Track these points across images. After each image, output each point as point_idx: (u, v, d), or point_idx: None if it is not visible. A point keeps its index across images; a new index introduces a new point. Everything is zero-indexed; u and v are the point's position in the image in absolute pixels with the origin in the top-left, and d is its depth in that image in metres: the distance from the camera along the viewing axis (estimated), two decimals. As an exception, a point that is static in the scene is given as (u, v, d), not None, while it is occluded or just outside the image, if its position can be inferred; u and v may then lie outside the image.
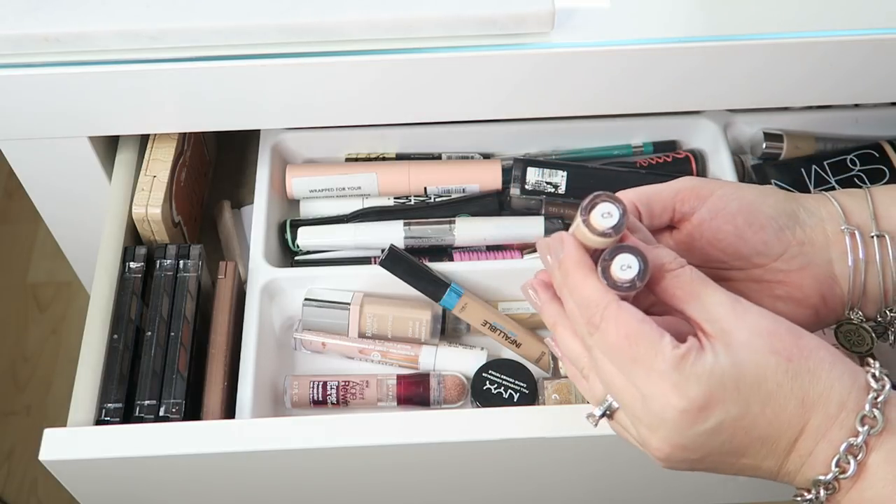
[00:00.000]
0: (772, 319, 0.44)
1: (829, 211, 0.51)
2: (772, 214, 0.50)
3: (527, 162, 0.73)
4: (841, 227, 0.50)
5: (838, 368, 0.43)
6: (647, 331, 0.43)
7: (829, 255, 0.50)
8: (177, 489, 0.61)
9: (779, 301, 0.51)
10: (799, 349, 0.43)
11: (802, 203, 0.51)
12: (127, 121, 0.65)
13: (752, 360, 0.43)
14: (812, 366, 0.43)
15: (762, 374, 0.42)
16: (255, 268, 0.68)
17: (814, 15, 0.61)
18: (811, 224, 0.50)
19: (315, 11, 0.59)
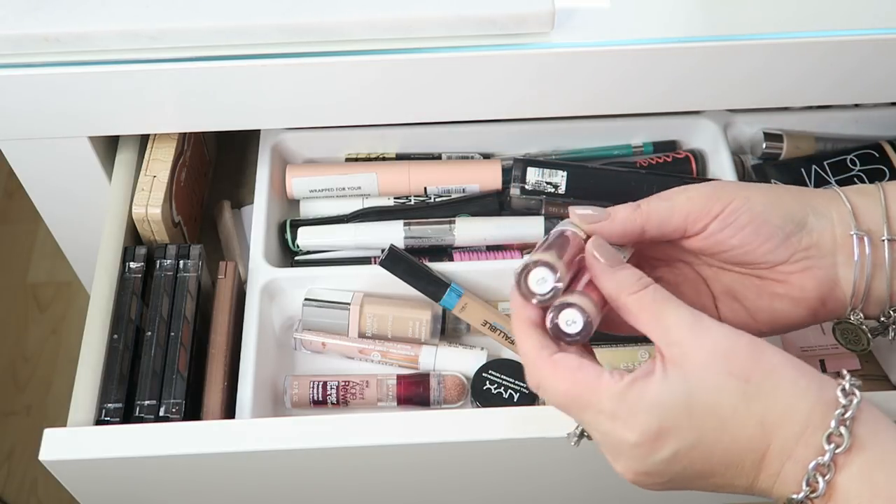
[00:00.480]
0: (732, 338, 0.43)
1: (840, 213, 0.49)
2: (779, 224, 0.49)
3: (527, 162, 0.73)
4: (850, 232, 0.49)
5: (802, 385, 0.42)
6: (583, 378, 0.44)
7: (835, 258, 0.49)
8: (177, 489, 0.61)
9: (776, 299, 0.50)
10: (758, 368, 0.42)
11: (813, 205, 0.50)
12: (127, 121, 0.65)
13: (705, 386, 0.42)
14: (772, 385, 0.42)
15: (716, 399, 0.42)
16: (255, 268, 0.68)
17: (814, 15, 0.61)
18: (819, 228, 0.49)
19: (315, 11, 0.59)
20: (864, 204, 0.50)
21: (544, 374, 0.45)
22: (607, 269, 0.46)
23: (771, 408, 0.42)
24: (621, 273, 0.46)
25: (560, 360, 0.45)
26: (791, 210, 0.49)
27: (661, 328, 0.44)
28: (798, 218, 0.49)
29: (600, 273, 0.46)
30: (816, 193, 0.50)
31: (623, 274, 0.46)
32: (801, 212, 0.49)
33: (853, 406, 0.41)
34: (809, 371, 0.43)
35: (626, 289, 0.45)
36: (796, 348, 0.67)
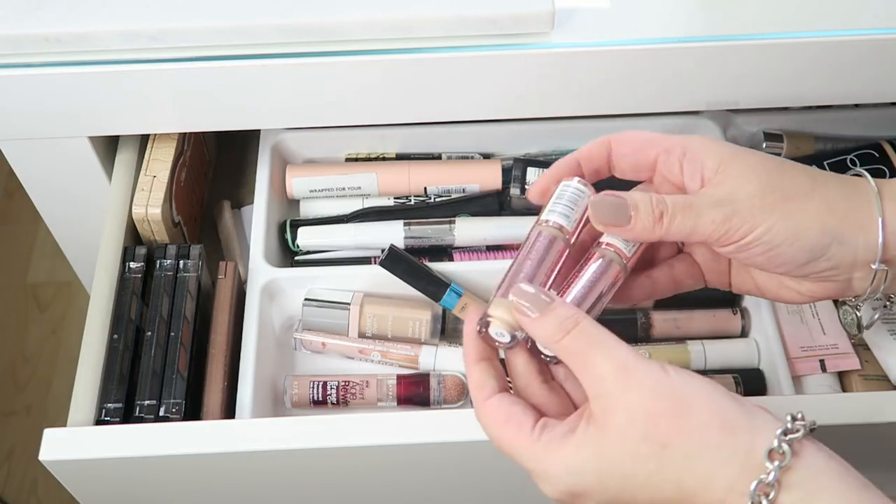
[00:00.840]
0: (655, 396, 0.42)
1: (868, 242, 0.47)
2: (795, 256, 0.47)
3: (527, 162, 0.73)
4: (873, 266, 0.48)
5: (726, 449, 0.40)
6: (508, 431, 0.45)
7: (852, 274, 0.49)
8: (177, 489, 0.61)
9: (784, 289, 0.50)
10: (679, 432, 0.41)
11: (840, 233, 0.47)
12: (127, 121, 0.65)
13: (619, 453, 0.42)
14: (692, 450, 0.41)
15: (630, 466, 0.41)
16: (255, 268, 0.68)
17: (814, 15, 0.61)
18: (840, 255, 0.47)
19: (315, 11, 0.59)
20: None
21: (479, 417, 0.46)
22: (531, 323, 0.45)
23: (688, 475, 0.41)
24: (546, 320, 0.45)
25: (492, 405, 0.46)
26: (812, 243, 0.47)
27: (589, 377, 0.43)
28: (818, 250, 0.47)
29: (526, 325, 0.46)
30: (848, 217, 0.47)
31: (548, 321, 0.45)
32: (823, 243, 0.47)
33: (775, 471, 0.39)
34: (739, 427, 0.41)
35: (552, 338, 0.44)
36: (796, 348, 0.67)
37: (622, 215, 0.47)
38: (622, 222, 0.47)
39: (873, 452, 0.61)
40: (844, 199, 0.48)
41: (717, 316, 0.68)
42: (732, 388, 0.65)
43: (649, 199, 0.47)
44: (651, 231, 0.47)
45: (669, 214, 0.47)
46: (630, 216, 0.47)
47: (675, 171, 0.49)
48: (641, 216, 0.47)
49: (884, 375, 0.66)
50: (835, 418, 0.55)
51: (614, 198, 0.48)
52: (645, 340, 0.68)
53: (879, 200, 0.48)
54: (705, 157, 0.48)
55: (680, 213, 0.47)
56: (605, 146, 0.51)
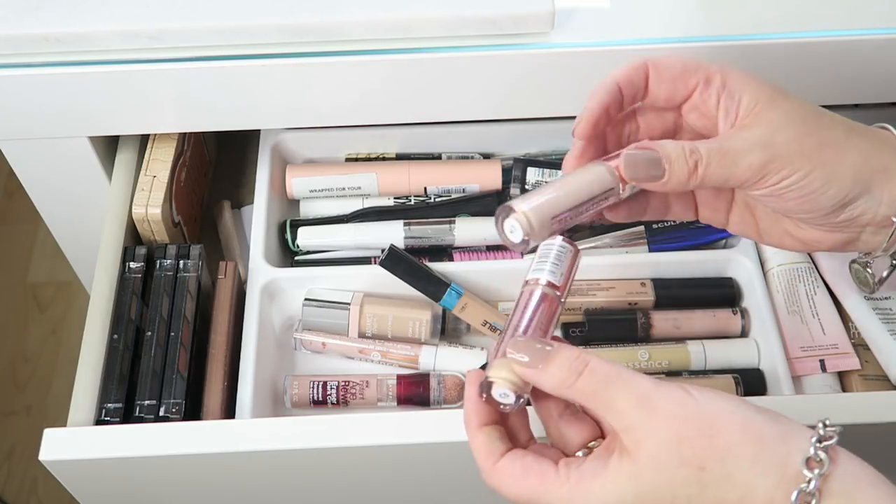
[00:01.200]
0: (682, 420, 0.41)
1: (892, 198, 0.47)
2: (826, 204, 0.47)
3: (527, 162, 0.73)
4: (893, 218, 0.47)
5: (762, 463, 0.40)
6: (529, 484, 0.43)
7: (865, 228, 0.48)
8: (177, 489, 0.61)
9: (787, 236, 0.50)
10: (713, 452, 0.40)
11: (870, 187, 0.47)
12: (127, 121, 0.65)
13: (657, 479, 0.41)
14: (729, 469, 0.40)
15: (669, 492, 0.41)
16: (255, 268, 0.68)
17: (814, 15, 0.61)
18: (864, 207, 0.47)
19: (315, 11, 0.59)
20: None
21: (494, 482, 0.44)
22: (536, 374, 0.44)
23: (728, 493, 0.40)
24: (551, 370, 0.43)
25: (504, 466, 0.44)
26: (846, 191, 0.46)
27: (612, 414, 0.42)
28: (849, 199, 0.47)
29: (533, 379, 0.44)
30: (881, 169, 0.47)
31: (552, 370, 0.43)
32: (855, 192, 0.47)
33: (815, 479, 0.39)
34: (771, 439, 0.41)
35: (563, 383, 0.43)
36: (796, 348, 0.67)
37: (656, 169, 0.46)
38: (657, 176, 0.46)
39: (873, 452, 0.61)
40: (877, 151, 0.47)
41: (717, 316, 0.68)
42: (732, 389, 0.65)
43: (682, 150, 0.46)
44: (686, 182, 0.46)
45: (704, 164, 0.45)
46: (665, 169, 0.46)
47: (711, 103, 0.48)
48: (675, 168, 0.46)
49: (884, 375, 0.66)
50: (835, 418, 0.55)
51: (647, 151, 0.46)
52: (645, 340, 0.68)
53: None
54: (743, 93, 0.47)
55: (716, 160, 0.46)
56: (642, 70, 0.49)
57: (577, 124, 0.49)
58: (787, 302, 0.69)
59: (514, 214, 0.45)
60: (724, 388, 0.64)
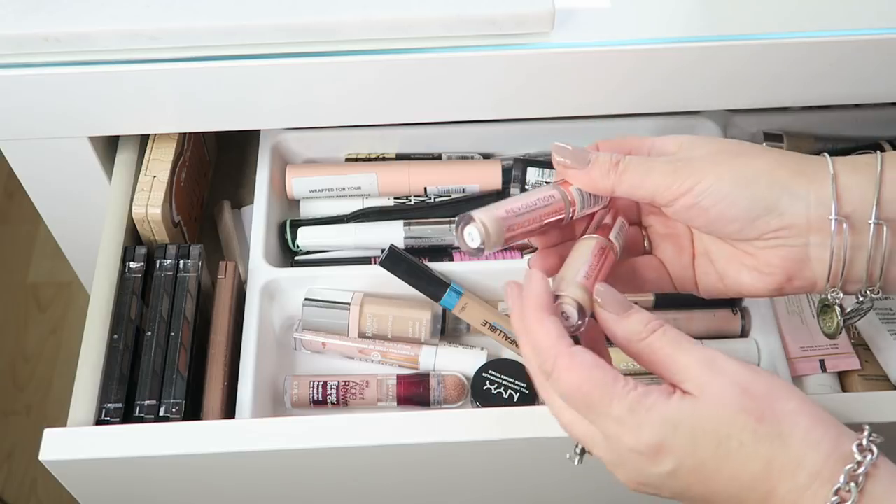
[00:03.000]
0: (750, 376, 0.43)
1: (820, 195, 0.47)
2: (746, 207, 0.48)
3: (527, 162, 0.73)
4: (829, 217, 0.47)
5: (816, 436, 0.42)
6: (600, 377, 0.44)
7: (808, 239, 0.48)
8: (177, 489, 0.61)
9: (744, 269, 0.50)
10: (773, 411, 0.42)
11: (790, 187, 0.48)
12: (127, 121, 0.65)
13: (716, 415, 0.42)
14: (785, 430, 0.42)
15: (725, 430, 0.42)
16: (255, 268, 0.68)
17: (814, 15, 0.61)
18: (792, 211, 0.48)
19: (315, 11, 0.59)
20: (855, 182, 0.48)
21: (560, 364, 0.44)
22: (614, 320, 0.46)
23: (779, 453, 0.41)
24: (628, 321, 0.46)
25: (578, 353, 0.44)
26: (761, 194, 0.47)
27: (675, 369, 0.44)
28: (767, 202, 0.48)
29: (609, 324, 0.47)
30: (798, 171, 0.48)
31: (630, 322, 0.46)
32: (772, 195, 0.48)
33: (867, 462, 0.40)
34: (826, 421, 0.42)
35: (636, 336, 0.46)
36: (796, 348, 0.67)
37: (582, 158, 0.50)
38: (581, 164, 0.50)
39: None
40: (796, 159, 0.49)
41: (717, 316, 0.68)
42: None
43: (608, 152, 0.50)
44: (605, 176, 0.49)
45: (624, 163, 0.49)
46: (588, 161, 0.49)
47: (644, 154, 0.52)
48: (599, 161, 0.49)
49: (884, 375, 0.66)
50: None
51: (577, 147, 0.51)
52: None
53: (832, 162, 0.48)
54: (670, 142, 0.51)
55: (634, 164, 0.49)
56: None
57: None
58: (787, 302, 0.69)
59: (473, 223, 0.48)
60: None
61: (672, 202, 0.48)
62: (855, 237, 0.48)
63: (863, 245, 0.48)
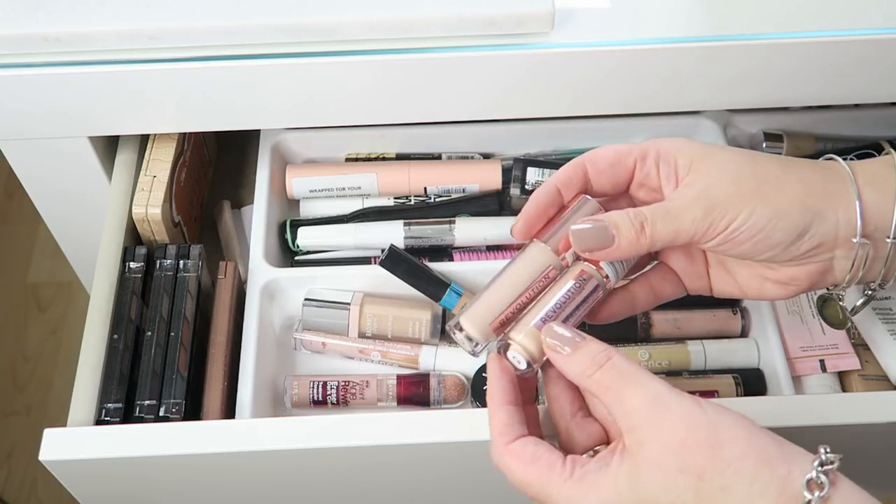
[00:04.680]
0: (690, 428, 0.42)
1: (847, 216, 0.48)
2: (781, 238, 0.48)
3: (527, 162, 0.73)
4: (854, 240, 0.48)
5: (762, 481, 0.40)
6: (536, 470, 0.44)
7: (833, 253, 0.49)
8: (177, 489, 0.61)
9: (767, 282, 0.51)
10: (714, 464, 0.41)
11: (819, 210, 0.48)
12: (127, 121, 0.65)
13: (656, 484, 0.42)
14: (728, 482, 0.41)
15: (666, 498, 0.41)
16: (255, 268, 0.68)
17: (814, 15, 0.61)
18: (822, 232, 0.48)
19: (315, 11, 0.59)
20: (876, 201, 0.48)
21: (503, 462, 0.46)
22: (563, 360, 0.46)
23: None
24: (577, 356, 0.46)
25: (516, 448, 0.45)
26: (794, 222, 0.48)
27: (621, 410, 0.44)
28: (801, 228, 0.48)
29: (560, 364, 0.47)
30: (826, 194, 0.48)
31: (578, 357, 0.46)
32: (805, 221, 0.48)
33: (815, 500, 0.40)
34: (774, 459, 0.41)
35: (584, 372, 0.45)
36: (796, 348, 0.67)
37: (605, 237, 0.48)
38: (607, 244, 0.48)
39: (873, 452, 0.61)
40: (820, 178, 0.49)
41: (717, 316, 0.68)
42: (732, 389, 0.65)
43: (626, 215, 0.48)
44: (637, 244, 0.48)
45: (650, 223, 0.48)
46: (612, 236, 0.48)
47: (653, 175, 0.50)
48: (623, 232, 0.48)
49: (884, 375, 0.66)
50: (835, 418, 0.55)
51: (593, 222, 0.48)
52: (645, 340, 0.68)
53: (854, 178, 0.48)
54: (677, 156, 0.49)
55: (660, 219, 0.48)
56: (580, 167, 0.51)
57: (514, 224, 0.51)
58: (787, 302, 0.69)
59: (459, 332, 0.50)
60: (724, 388, 0.64)
61: (709, 241, 0.48)
62: (876, 248, 0.49)
63: (880, 255, 0.49)
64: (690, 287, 0.54)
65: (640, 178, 0.51)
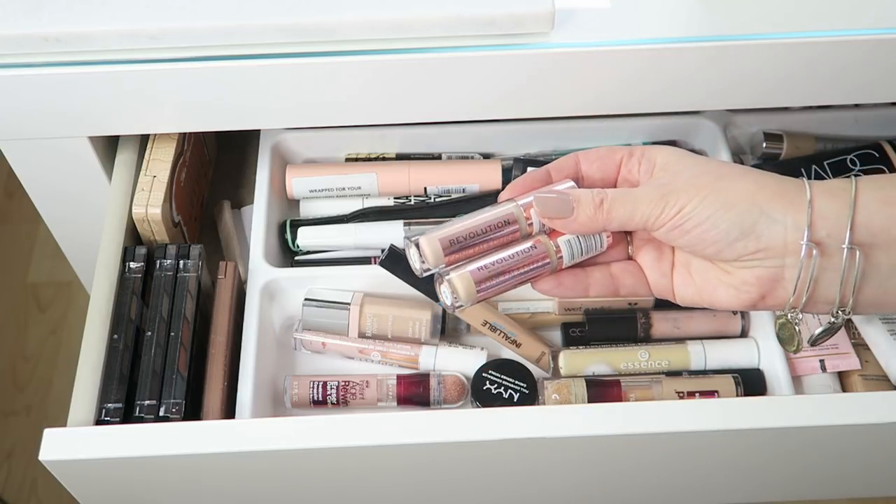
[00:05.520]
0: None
1: (797, 219, 0.49)
2: (725, 230, 0.49)
3: (527, 162, 0.73)
4: (801, 242, 0.49)
5: None
6: None
7: (784, 260, 0.49)
8: (177, 489, 0.61)
9: (720, 285, 0.52)
10: None
11: (768, 211, 0.49)
12: (127, 121, 0.65)
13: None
14: None
15: None
16: (255, 268, 0.68)
17: (814, 15, 0.61)
18: (769, 234, 0.49)
19: (315, 11, 0.59)
20: (830, 208, 0.49)
21: None
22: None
23: None
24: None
25: None
26: (739, 218, 0.49)
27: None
28: (745, 226, 0.49)
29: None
30: (778, 195, 0.49)
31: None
32: (750, 219, 0.49)
33: None
34: None
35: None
36: (796, 348, 0.67)
37: (565, 207, 0.52)
38: (566, 213, 0.51)
39: (873, 452, 0.61)
40: (775, 182, 0.50)
41: (717, 316, 0.68)
42: (732, 389, 0.65)
43: (590, 192, 0.52)
44: (594, 219, 0.51)
45: (609, 201, 0.51)
46: (573, 207, 0.51)
47: (635, 170, 0.54)
48: (583, 205, 0.51)
49: (884, 375, 0.66)
50: (835, 418, 0.55)
51: (557, 192, 0.52)
52: (645, 340, 0.68)
53: (809, 187, 0.50)
54: (657, 157, 0.53)
55: (619, 199, 0.51)
56: (573, 159, 0.55)
57: (502, 194, 0.55)
58: (787, 302, 0.69)
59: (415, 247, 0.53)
60: (724, 388, 0.65)
61: (659, 227, 0.50)
62: (828, 260, 0.49)
63: (836, 267, 0.49)
64: (654, 284, 0.55)
65: (624, 174, 0.55)
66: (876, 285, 0.49)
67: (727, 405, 0.57)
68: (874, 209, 0.48)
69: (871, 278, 0.49)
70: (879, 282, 0.49)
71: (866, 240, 0.49)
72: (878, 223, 0.48)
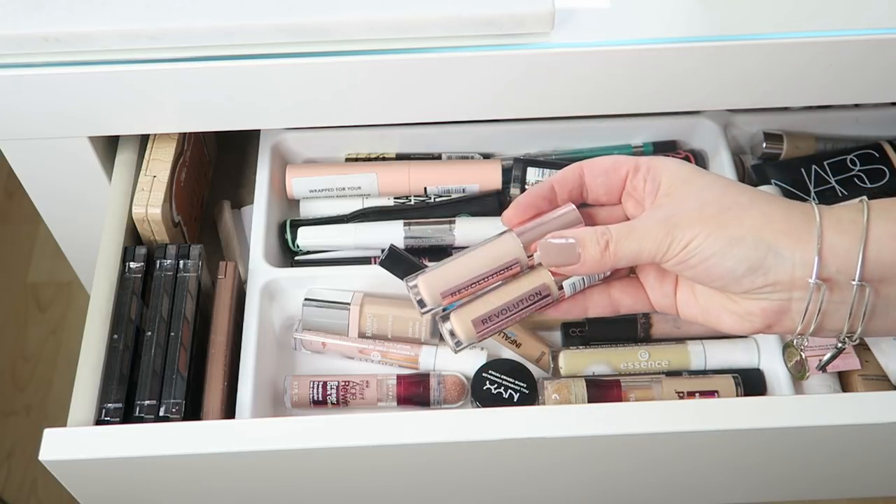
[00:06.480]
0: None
1: (805, 257, 0.47)
2: (731, 267, 0.48)
3: (527, 162, 0.73)
4: (809, 280, 0.48)
5: None
6: None
7: (791, 294, 0.49)
8: (177, 489, 0.61)
9: (725, 312, 0.51)
10: None
11: (776, 247, 0.48)
12: (127, 121, 0.65)
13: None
14: None
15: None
16: (255, 268, 0.68)
17: (813, 15, 0.61)
18: (777, 270, 0.48)
19: (315, 11, 0.59)
20: (841, 243, 0.48)
21: None
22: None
23: None
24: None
25: None
26: (746, 255, 0.48)
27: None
28: (753, 262, 0.48)
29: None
30: (786, 231, 0.48)
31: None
32: (758, 256, 0.48)
33: None
34: None
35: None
36: (796, 348, 0.67)
37: (571, 255, 0.50)
38: (572, 261, 0.50)
39: (873, 452, 0.61)
40: (783, 214, 0.49)
41: (717, 316, 0.68)
42: (732, 389, 0.65)
43: (593, 232, 0.50)
44: (601, 262, 0.50)
45: (615, 242, 0.50)
46: (578, 254, 0.50)
47: (640, 188, 0.52)
48: (589, 250, 0.50)
49: (884, 375, 0.66)
50: (835, 418, 0.55)
51: (560, 238, 0.51)
52: (645, 340, 0.68)
53: (819, 220, 0.48)
54: (663, 175, 0.51)
55: (625, 238, 0.50)
56: (577, 171, 0.53)
57: (506, 212, 0.54)
58: (787, 302, 0.68)
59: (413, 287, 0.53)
60: (724, 388, 0.64)
61: (667, 262, 0.50)
62: (837, 294, 0.48)
63: (845, 300, 0.48)
64: (656, 303, 0.54)
65: (629, 189, 0.53)
66: (884, 315, 0.49)
67: (727, 405, 0.56)
68: (885, 243, 0.47)
69: (881, 310, 0.49)
70: (888, 312, 0.49)
71: (876, 274, 0.48)
72: (889, 257, 0.47)
